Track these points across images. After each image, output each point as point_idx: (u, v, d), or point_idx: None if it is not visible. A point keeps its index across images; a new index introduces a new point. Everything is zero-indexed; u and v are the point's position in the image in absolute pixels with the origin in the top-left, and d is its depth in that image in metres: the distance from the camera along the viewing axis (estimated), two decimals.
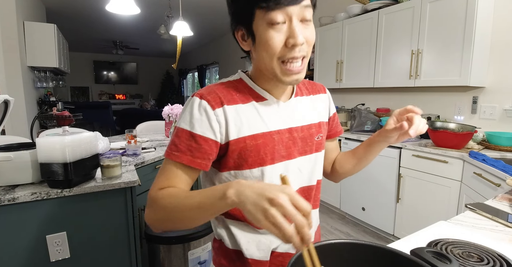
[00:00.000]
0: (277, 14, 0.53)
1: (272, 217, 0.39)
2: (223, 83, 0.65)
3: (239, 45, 0.63)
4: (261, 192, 0.41)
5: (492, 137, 1.88)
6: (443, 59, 2.08)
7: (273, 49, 0.55)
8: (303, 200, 0.41)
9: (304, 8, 0.54)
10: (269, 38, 0.54)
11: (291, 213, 0.39)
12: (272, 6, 0.52)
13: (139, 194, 1.46)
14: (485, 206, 0.85)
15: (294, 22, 0.54)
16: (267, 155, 0.61)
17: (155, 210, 0.56)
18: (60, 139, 1.00)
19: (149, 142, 2.12)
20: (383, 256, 0.47)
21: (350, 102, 3.24)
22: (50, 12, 4.57)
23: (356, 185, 2.56)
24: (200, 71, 7.53)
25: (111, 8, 2.06)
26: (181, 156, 0.57)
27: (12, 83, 2.93)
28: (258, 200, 0.41)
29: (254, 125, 0.61)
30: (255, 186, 0.43)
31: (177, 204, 0.52)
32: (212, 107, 0.58)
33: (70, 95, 8.41)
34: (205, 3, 4.16)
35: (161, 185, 0.58)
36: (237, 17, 0.59)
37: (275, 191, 0.41)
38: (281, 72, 0.57)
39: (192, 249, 1.44)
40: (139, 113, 6.54)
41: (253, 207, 0.41)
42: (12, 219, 1.00)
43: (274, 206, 0.40)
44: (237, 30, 0.61)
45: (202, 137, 0.58)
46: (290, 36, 0.54)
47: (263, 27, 0.55)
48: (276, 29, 0.54)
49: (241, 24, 0.59)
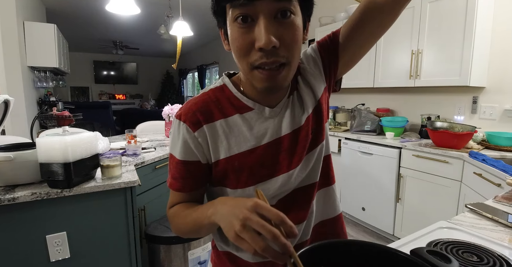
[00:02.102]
0: (240, 10, 0.45)
1: (240, 232, 0.38)
2: (205, 95, 0.59)
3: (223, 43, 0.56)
4: (231, 210, 0.42)
5: (492, 137, 1.88)
6: (443, 59, 2.09)
7: (240, 52, 0.48)
8: (270, 208, 0.39)
9: (279, 1, 0.44)
10: (235, 38, 0.47)
11: (258, 225, 0.37)
12: (236, 2, 0.44)
13: (139, 194, 1.46)
14: (485, 206, 0.85)
15: (260, 19, 0.44)
16: (254, 174, 0.57)
17: (173, 227, 0.62)
18: (60, 139, 1.00)
19: (149, 142, 2.12)
20: (383, 256, 0.47)
21: (350, 102, 3.24)
22: (50, 12, 4.57)
23: (356, 185, 2.56)
24: (200, 71, 7.54)
25: (111, 8, 2.06)
26: (173, 184, 0.60)
27: (12, 83, 2.93)
28: (230, 217, 0.41)
29: (237, 143, 0.56)
30: (229, 203, 0.44)
31: (181, 222, 0.58)
32: (192, 129, 0.55)
33: (70, 95, 8.42)
34: (205, 3, 4.16)
35: (171, 204, 0.63)
36: (215, 13, 0.52)
37: (242, 206, 0.40)
38: (255, 78, 0.50)
39: (192, 249, 1.44)
40: (139, 113, 6.54)
41: (226, 225, 0.42)
42: (12, 219, 1.00)
43: (244, 224, 0.39)
44: (220, 28, 0.54)
45: (186, 161, 0.57)
46: (256, 37, 0.45)
47: (231, 26, 0.48)
48: (243, 28, 0.46)
49: (219, 21, 0.52)
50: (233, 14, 0.46)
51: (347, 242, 0.50)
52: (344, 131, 2.81)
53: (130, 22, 5.21)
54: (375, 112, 2.80)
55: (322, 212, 0.67)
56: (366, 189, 2.47)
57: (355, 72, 2.81)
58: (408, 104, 2.70)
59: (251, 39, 0.46)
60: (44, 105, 3.89)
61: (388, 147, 2.24)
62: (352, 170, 2.60)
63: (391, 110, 2.82)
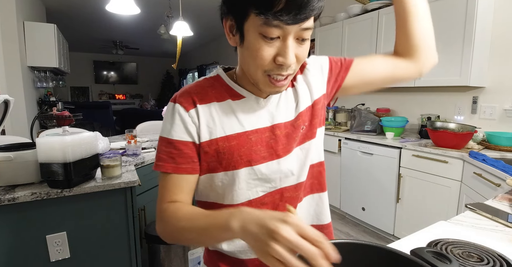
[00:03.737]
0: (273, 30, 0.47)
1: (276, 253, 0.35)
2: (199, 81, 0.62)
3: (226, 34, 0.56)
4: (261, 223, 0.38)
5: (492, 137, 1.88)
6: (443, 59, 2.08)
7: (260, 61, 0.50)
8: (310, 228, 0.36)
9: (305, 29, 0.49)
10: (258, 49, 0.49)
11: (297, 245, 0.34)
12: (269, 22, 0.46)
13: (139, 194, 1.46)
14: (485, 206, 0.85)
15: (289, 41, 0.48)
16: (242, 157, 0.57)
17: (163, 228, 0.55)
18: (60, 139, 1.00)
19: (149, 142, 2.12)
20: (383, 256, 0.47)
21: (350, 102, 3.24)
22: (50, 12, 4.57)
23: (356, 185, 2.56)
24: (200, 71, 7.54)
25: (111, 8, 2.06)
26: (164, 165, 0.56)
27: (12, 83, 2.93)
28: (261, 235, 0.37)
29: (228, 126, 0.57)
30: (257, 217, 0.40)
31: (182, 227, 0.51)
32: (186, 109, 0.56)
33: (70, 95, 8.41)
34: (205, 3, 4.16)
35: (165, 199, 0.57)
36: (229, 4, 0.51)
37: (275, 221, 0.37)
38: (263, 83, 0.53)
39: (192, 249, 1.44)
40: (139, 113, 6.55)
41: (256, 243, 0.38)
42: (12, 219, 1.00)
43: (275, 240, 0.35)
44: (226, 18, 0.53)
45: (180, 141, 0.56)
46: (280, 54, 0.49)
47: (255, 35, 0.49)
48: (268, 42, 0.49)
49: (231, 15, 0.52)
50: (263, 30, 0.47)
51: (347, 242, 0.49)
52: (344, 131, 2.81)
53: (130, 22, 5.21)
54: (375, 112, 2.80)
55: (312, 216, 0.69)
56: (366, 189, 2.47)
57: None
58: (408, 104, 2.70)
59: (274, 53, 0.50)
60: (44, 105, 3.89)
61: (388, 147, 2.24)
62: (352, 170, 2.60)
63: (391, 110, 2.83)
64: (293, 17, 0.45)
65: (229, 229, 0.42)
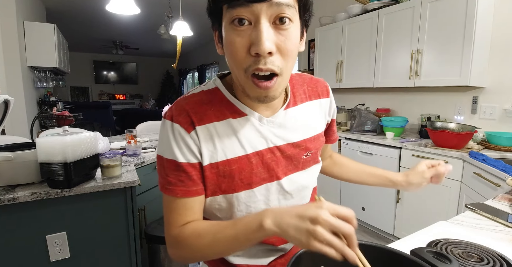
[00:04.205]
0: (238, 11, 0.42)
1: (321, 235, 0.38)
2: (195, 95, 0.56)
3: (215, 45, 0.54)
4: (301, 214, 0.40)
5: (492, 137, 1.88)
6: (443, 59, 2.08)
7: (235, 57, 0.46)
8: (342, 208, 0.40)
9: (278, 6, 0.42)
10: (230, 42, 0.45)
11: (338, 226, 0.38)
12: (232, 2, 0.42)
13: (139, 194, 1.46)
14: (485, 206, 0.85)
15: (261, 23, 0.43)
16: (242, 180, 0.56)
17: (183, 250, 0.53)
18: (60, 139, 1.00)
19: (149, 142, 2.12)
20: (383, 256, 0.47)
21: (350, 102, 3.24)
22: (50, 12, 4.57)
23: (356, 185, 2.55)
24: (200, 71, 7.53)
25: (111, 8, 2.06)
26: (175, 189, 0.54)
27: (12, 83, 2.93)
28: (301, 223, 0.40)
29: (229, 148, 0.54)
30: (291, 211, 0.42)
31: (208, 243, 0.50)
32: (186, 130, 0.53)
33: (70, 95, 8.41)
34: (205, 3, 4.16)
35: (178, 223, 0.54)
36: (210, 14, 0.50)
37: (314, 209, 0.40)
38: (249, 86, 0.48)
39: None
40: (139, 113, 6.54)
41: (297, 232, 0.40)
42: (12, 219, 1.00)
43: (318, 224, 0.38)
44: (214, 31, 0.52)
45: (189, 164, 0.53)
46: (253, 41, 0.43)
47: (226, 29, 0.46)
48: (239, 31, 0.44)
49: (214, 23, 0.50)
50: (230, 15, 0.44)
51: None
52: (344, 131, 2.81)
53: (130, 22, 5.21)
54: (375, 112, 2.80)
55: None
56: (366, 189, 2.47)
57: (355, 72, 2.82)
58: (408, 104, 2.70)
59: (247, 43, 0.44)
60: (44, 105, 3.88)
61: (388, 147, 2.24)
62: None
63: (391, 110, 2.82)
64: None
65: (263, 229, 0.43)
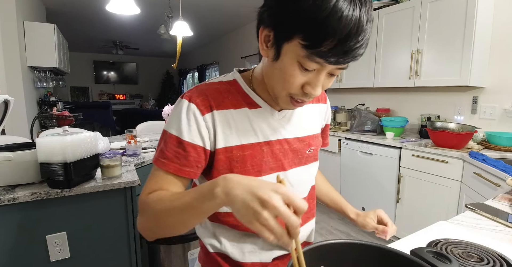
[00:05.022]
0: (312, 65, 0.47)
1: (265, 220, 0.37)
2: (215, 83, 0.60)
3: (259, 41, 0.53)
4: (252, 191, 0.38)
5: (492, 137, 1.88)
6: (443, 59, 2.08)
7: (289, 85, 0.51)
8: (298, 198, 0.38)
9: (340, 69, 0.50)
10: (291, 76, 0.49)
11: (284, 215, 0.37)
12: (312, 57, 0.45)
13: (139, 194, 1.46)
14: (485, 206, 0.85)
15: (322, 75, 0.49)
16: (253, 167, 0.58)
17: (145, 216, 0.53)
18: (60, 139, 1.00)
19: (149, 142, 2.12)
20: (383, 256, 0.47)
21: (350, 102, 3.24)
22: (50, 12, 4.56)
23: (356, 185, 2.56)
24: (200, 71, 7.53)
25: (111, 8, 2.06)
26: (168, 164, 0.54)
27: (12, 83, 2.93)
28: (250, 201, 0.38)
29: (244, 135, 0.58)
30: (245, 183, 0.40)
31: (165, 207, 0.49)
32: (201, 112, 0.55)
33: (70, 95, 8.41)
34: (205, 3, 4.16)
35: (151, 189, 0.54)
36: (275, 20, 0.48)
37: (268, 191, 0.38)
38: (284, 101, 0.55)
39: (192, 249, 1.44)
40: (139, 113, 6.54)
41: (243, 208, 0.38)
42: (12, 219, 1.00)
43: (266, 208, 0.37)
44: (264, 28, 0.50)
45: (191, 144, 0.54)
46: (310, 84, 0.50)
47: (292, 61, 0.48)
48: (303, 72, 0.49)
49: (274, 30, 0.49)
50: (304, 62, 0.47)
51: (347, 242, 0.50)
52: (344, 131, 2.81)
53: (130, 22, 5.21)
54: (375, 112, 2.80)
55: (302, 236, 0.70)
56: (366, 189, 2.47)
57: (355, 72, 2.82)
58: (408, 104, 2.70)
59: (303, 81, 0.50)
60: (44, 105, 3.88)
61: (388, 147, 2.24)
62: (352, 170, 2.60)
63: (391, 110, 2.82)
64: (337, 60, 0.45)
65: (214, 197, 0.41)
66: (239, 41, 5.48)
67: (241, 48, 5.38)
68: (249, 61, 5.14)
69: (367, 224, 0.72)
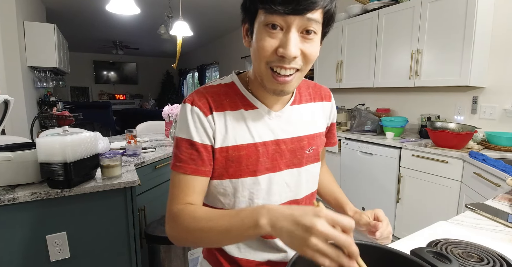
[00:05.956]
0: (274, 18, 0.49)
1: (315, 245, 0.37)
2: (214, 87, 0.62)
3: (243, 37, 0.60)
4: (296, 220, 0.39)
5: (492, 137, 1.88)
6: (443, 59, 2.08)
7: (262, 53, 0.52)
8: (341, 217, 0.39)
9: (308, 20, 0.49)
10: (261, 40, 0.52)
11: (332, 237, 0.37)
12: (270, 10, 0.48)
13: (139, 194, 1.46)
14: (485, 206, 0.85)
15: (291, 32, 0.50)
16: (249, 167, 0.60)
17: (177, 228, 0.55)
18: (60, 139, 1.00)
19: (149, 142, 2.12)
20: (383, 256, 0.47)
21: (350, 102, 3.24)
22: (50, 12, 4.56)
23: (356, 185, 2.56)
24: (200, 71, 7.53)
25: (111, 8, 2.06)
26: (184, 167, 0.57)
27: (12, 83, 2.93)
28: (295, 230, 0.39)
29: (240, 135, 0.59)
30: (288, 214, 0.41)
31: (200, 227, 0.51)
32: (205, 114, 0.58)
33: (70, 95, 8.41)
34: (205, 3, 4.16)
35: (180, 200, 0.56)
36: (244, 10, 0.56)
37: (310, 217, 0.39)
38: (267, 78, 0.55)
39: (192, 249, 1.44)
40: (139, 113, 6.53)
41: (290, 238, 0.40)
42: (12, 219, 1.00)
43: (312, 234, 0.38)
44: (244, 23, 0.58)
45: (202, 144, 0.57)
46: (281, 45, 0.50)
47: (260, 28, 0.52)
48: (271, 33, 0.51)
49: (246, 18, 0.56)
50: (266, 19, 0.50)
51: None
52: (344, 131, 2.81)
53: (130, 22, 5.21)
54: (375, 112, 2.80)
55: None
56: (366, 189, 2.47)
57: (355, 72, 2.82)
58: (408, 104, 2.70)
59: (276, 44, 0.51)
60: (44, 105, 3.88)
61: (388, 147, 2.24)
62: (352, 170, 2.60)
63: (391, 110, 2.82)
64: (293, 7, 0.47)
65: (258, 227, 0.43)
66: (239, 41, 5.47)
67: (241, 48, 5.38)
68: (249, 61, 5.14)
69: (361, 220, 0.70)
